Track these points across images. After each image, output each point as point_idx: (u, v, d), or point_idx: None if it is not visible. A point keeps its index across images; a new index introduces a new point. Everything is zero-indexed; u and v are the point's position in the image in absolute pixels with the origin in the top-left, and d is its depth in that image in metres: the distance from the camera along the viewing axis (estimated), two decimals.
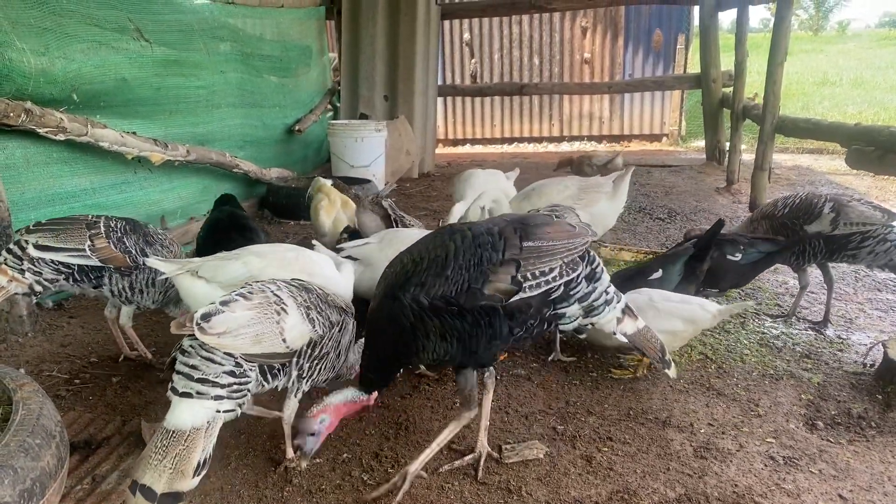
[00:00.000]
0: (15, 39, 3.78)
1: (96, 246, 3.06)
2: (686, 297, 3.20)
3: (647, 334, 2.54)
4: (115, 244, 3.10)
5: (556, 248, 2.29)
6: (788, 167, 9.00)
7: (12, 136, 3.98)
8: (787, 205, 3.73)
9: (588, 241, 2.37)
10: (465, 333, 2.27)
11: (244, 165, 6.44)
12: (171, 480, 2.03)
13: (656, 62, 12.05)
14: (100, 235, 3.07)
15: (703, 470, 2.50)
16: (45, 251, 2.98)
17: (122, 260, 3.12)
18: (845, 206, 3.52)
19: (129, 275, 3.17)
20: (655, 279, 3.42)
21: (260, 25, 7.21)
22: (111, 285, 3.17)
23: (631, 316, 2.50)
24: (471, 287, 2.21)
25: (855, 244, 3.52)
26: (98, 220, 3.13)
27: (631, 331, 2.49)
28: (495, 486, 2.43)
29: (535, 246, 2.27)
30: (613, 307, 2.44)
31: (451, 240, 2.30)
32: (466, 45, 12.40)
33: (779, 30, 6.06)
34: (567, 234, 2.35)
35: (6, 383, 2.22)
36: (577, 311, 2.39)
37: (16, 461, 1.83)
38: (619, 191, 4.41)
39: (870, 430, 2.74)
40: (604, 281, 2.44)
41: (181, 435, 2.09)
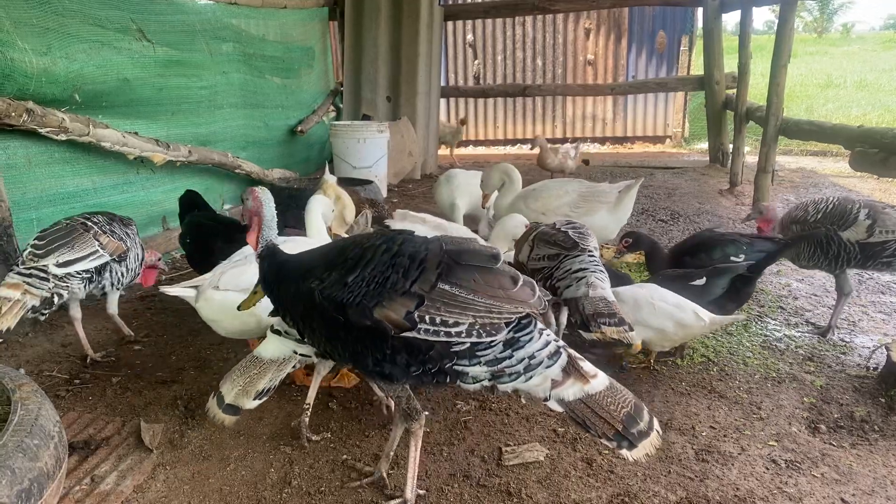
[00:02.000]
0: (17, 39, 3.78)
1: (103, 243, 3.31)
2: (683, 301, 3.17)
3: (602, 403, 1.96)
4: (112, 236, 3.38)
5: (474, 303, 1.93)
6: (792, 169, 8.97)
7: (14, 135, 3.98)
8: (819, 210, 3.60)
9: (524, 313, 1.98)
10: (348, 344, 2.07)
11: (246, 166, 6.44)
12: (237, 396, 2.44)
13: (660, 64, 12.04)
14: (99, 233, 3.31)
15: (704, 473, 2.49)
16: (70, 265, 3.16)
17: (121, 247, 3.42)
18: (881, 212, 3.42)
19: (125, 259, 3.47)
20: (697, 285, 3.38)
21: (263, 26, 7.21)
22: (112, 275, 3.43)
23: (580, 378, 1.98)
24: (362, 303, 1.97)
25: (890, 252, 3.41)
26: (86, 222, 3.34)
27: (572, 396, 1.96)
28: (495, 489, 2.42)
29: (450, 291, 1.94)
30: (539, 372, 1.97)
31: (376, 248, 2.06)
32: (469, 46, 12.40)
33: (782, 31, 6.05)
34: (499, 293, 1.96)
35: (5, 383, 2.21)
36: (483, 373, 1.99)
37: (13, 462, 1.82)
38: (623, 203, 4.27)
39: (873, 434, 2.73)
40: (529, 348, 1.98)
41: (259, 362, 2.48)
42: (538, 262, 3.26)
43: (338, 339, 2.08)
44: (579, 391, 1.96)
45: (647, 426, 1.97)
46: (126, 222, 3.58)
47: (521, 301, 1.97)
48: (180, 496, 2.41)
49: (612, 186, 4.36)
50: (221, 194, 6.37)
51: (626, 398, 1.99)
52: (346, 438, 2.76)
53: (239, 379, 2.47)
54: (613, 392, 1.99)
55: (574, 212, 4.22)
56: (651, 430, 1.97)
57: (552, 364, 1.98)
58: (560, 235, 3.23)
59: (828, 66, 20.49)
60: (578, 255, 3.12)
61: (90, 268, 3.25)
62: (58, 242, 3.16)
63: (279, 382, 2.53)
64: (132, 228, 3.61)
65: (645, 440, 1.95)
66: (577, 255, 3.12)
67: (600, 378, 2.01)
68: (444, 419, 2.90)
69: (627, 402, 1.98)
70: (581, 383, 1.97)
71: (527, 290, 1.99)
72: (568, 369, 1.98)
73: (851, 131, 5.10)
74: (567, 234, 3.22)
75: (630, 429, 1.94)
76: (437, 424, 2.86)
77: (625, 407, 1.97)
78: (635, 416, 1.96)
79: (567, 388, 1.97)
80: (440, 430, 2.81)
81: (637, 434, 1.94)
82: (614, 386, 2.01)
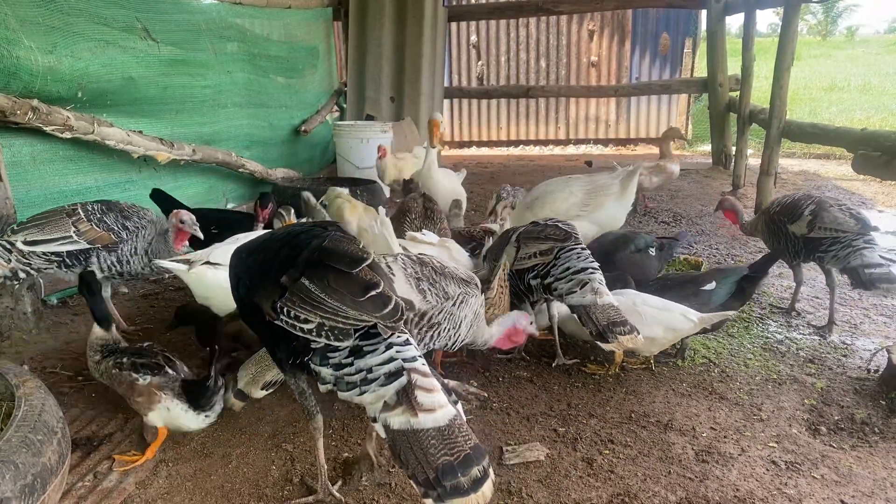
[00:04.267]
0: (23, 37, 3.80)
1: (81, 230, 3.41)
2: (669, 304, 3.17)
3: (423, 442, 1.77)
4: (97, 224, 3.46)
5: (323, 304, 1.89)
6: (795, 172, 8.97)
7: (19, 133, 4.00)
8: (780, 203, 3.93)
9: (371, 323, 1.89)
10: (253, 326, 2.20)
11: (250, 165, 6.46)
12: (247, 384, 2.72)
13: (663, 66, 12.04)
14: (81, 220, 3.41)
15: (704, 474, 2.49)
16: (35, 245, 3.34)
17: (108, 238, 3.48)
18: (825, 210, 3.65)
19: (116, 249, 3.52)
20: (707, 290, 3.38)
21: (267, 26, 7.23)
22: (100, 263, 3.50)
23: (410, 408, 1.79)
24: (251, 284, 2.09)
25: (825, 247, 3.66)
26: (76, 208, 3.47)
27: (397, 426, 1.79)
28: (496, 488, 2.42)
29: (307, 288, 1.92)
30: (373, 390, 1.85)
31: (277, 238, 2.14)
32: (473, 47, 12.42)
33: (786, 34, 6.05)
34: (346, 299, 1.89)
35: (9, 379, 2.23)
36: (329, 376, 1.95)
37: (17, 457, 1.83)
38: (627, 191, 4.33)
39: (873, 436, 2.73)
40: (369, 361, 1.89)
41: (267, 357, 2.61)
42: (527, 262, 3.23)
43: (248, 321, 2.23)
44: (405, 422, 1.80)
45: (470, 484, 1.73)
46: (127, 214, 3.58)
47: (368, 311, 1.87)
48: (182, 493, 2.42)
49: (612, 176, 4.37)
50: (225, 193, 6.39)
51: (456, 446, 1.77)
52: (347, 437, 2.78)
53: (252, 368, 2.75)
54: (445, 435, 1.78)
55: (583, 210, 4.22)
56: (474, 490, 1.74)
57: (387, 384, 1.84)
58: (550, 229, 3.24)
59: (831, 69, 20.45)
60: (574, 248, 3.13)
61: (60, 251, 3.39)
62: (35, 222, 3.40)
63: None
64: (136, 221, 3.58)
65: (458, 497, 1.72)
66: (572, 247, 3.13)
67: (436, 415, 1.80)
68: None
69: (456, 450, 1.76)
70: (409, 415, 1.79)
71: (376, 302, 1.89)
72: (403, 395, 1.82)
73: (854, 134, 5.09)
74: (557, 226, 3.25)
75: (443, 480, 1.72)
76: None
77: (449, 455, 1.75)
78: (457, 468, 1.73)
79: (395, 415, 1.81)
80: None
81: (449, 488, 1.72)
82: (453, 428, 1.80)
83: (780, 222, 3.84)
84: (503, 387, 3.19)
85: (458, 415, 1.86)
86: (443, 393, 1.87)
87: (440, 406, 1.82)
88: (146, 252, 3.63)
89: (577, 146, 12.63)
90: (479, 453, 1.79)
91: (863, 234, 3.56)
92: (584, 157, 10.75)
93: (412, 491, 2.41)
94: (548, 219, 3.39)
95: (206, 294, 3.19)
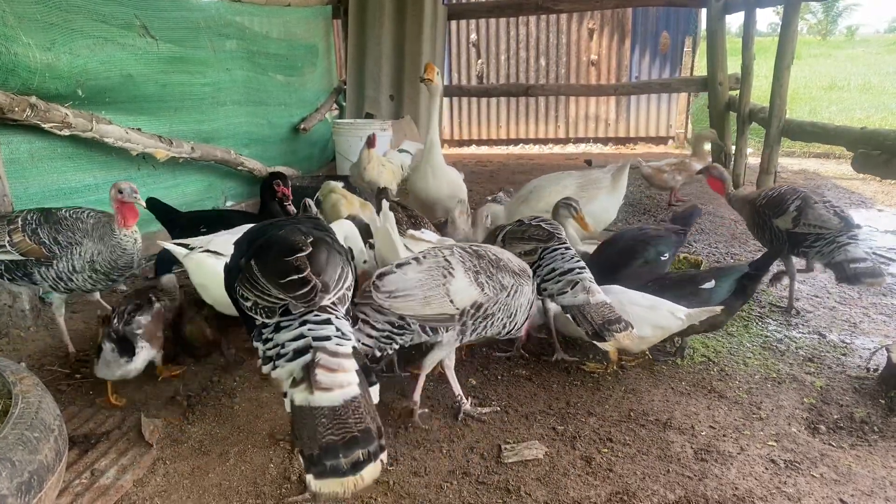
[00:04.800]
0: (21, 34, 3.79)
1: (14, 240, 3.14)
2: (656, 301, 3.15)
3: (314, 419, 1.87)
4: (29, 236, 3.15)
5: (258, 283, 2.08)
6: (794, 171, 8.96)
7: (17, 130, 3.99)
8: (767, 196, 3.96)
9: (285, 303, 2.03)
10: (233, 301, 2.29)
11: (249, 163, 6.44)
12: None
13: (663, 65, 12.03)
14: (17, 230, 3.15)
15: (703, 472, 2.49)
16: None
17: (39, 251, 3.16)
18: (810, 207, 3.71)
19: (51, 264, 3.21)
20: (707, 289, 3.36)
21: (266, 24, 7.21)
22: (42, 277, 3.24)
23: (309, 386, 1.89)
24: (228, 265, 2.30)
25: (809, 242, 3.73)
26: (18, 215, 3.20)
27: (298, 401, 1.91)
28: (494, 486, 2.42)
29: (252, 269, 2.11)
30: (282, 365, 2.00)
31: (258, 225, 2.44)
32: (473, 45, 12.40)
33: (786, 33, 6.04)
34: (272, 280, 2.03)
35: (6, 376, 2.22)
36: (261, 350, 2.10)
37: (14, 454, 1.82)
38: (618, 184, 4.39)
39: (872, 435, 2.73)
40: (281, 337, 2.04)
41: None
42: None
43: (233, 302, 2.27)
44: (303, 399, 1.89)
45: (349, 465, 1.82)
46: (61, 227, 3.17)
47: (285, 291, 2.00)
48: (180, 490, 2.42)
49: (604, 171, 4.45)
50: (224, 191, 6.38)
51: (345, 427, 1.84)
52: None
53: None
54: (337, 415, 1.86)
55: None
56: (353, 472, 1.82)
57: (294, 360, 1.96)
58: (533, 230, 3.24)
59: (831, 68, 20.44)
60: (557, 248, 3.12)
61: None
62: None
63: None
64: (69, 236, 3.18)
65: (334, 478, 1.81)
66: (555, 247, 3.12)
67: (332, 394, 1.88)
68: (444, 416, 2.91)
69: (343, 431, 1.84)
70: (307, 392, 1.88)
71: (295, 283, 2.00)
72: (307, 371, 1.91)
73: (854, 133, 5.08)
74: (540, 226, 3.25)
75: (324, 459, 1.81)
76: (437, 422, 2.86)
77: (334, 435, 1.82)
78: (339, 449, 1.82)
79: (299, 391, 1.90)
80: (440, 428, 2.81)
81: (328, 467, 1.80)
82: (347, 409, 1.87)
83: (765, 215, 3.90)
84: (502, 385, 3.19)
85: (360, 397, 1.92)
86: (352, 374, 1.95)
87: (339, 386, 1.90)
88: (92, 268, 3.25)
89: (576, 145, 12.62)
90: (368, 437, 1.86)
91: (845, 232, 3.62)
92: (583, 156, 10.75)
93: (411, 489, 2.41)
94: (533, 217, 3.37)
95: (202, 282, 3.16)
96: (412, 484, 2.44)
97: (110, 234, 3.26)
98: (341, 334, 2.03)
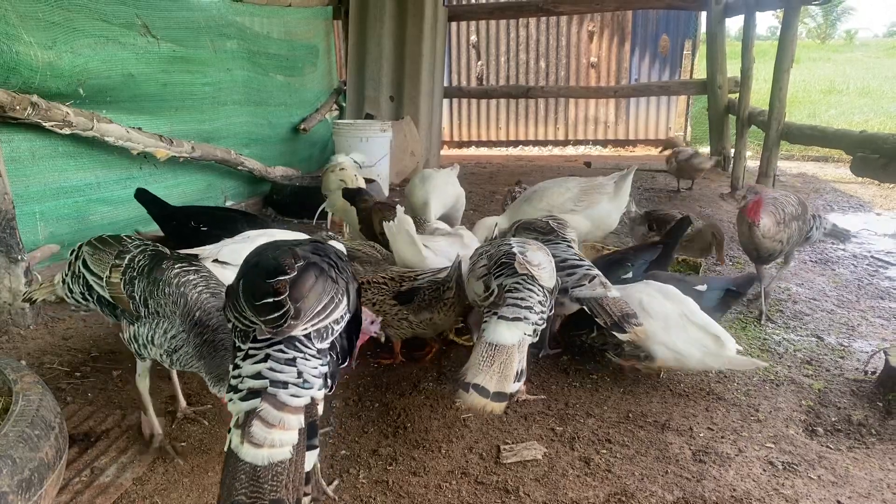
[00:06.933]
0: (23, 33, 3.80)
1: (111, 280, 2.59)
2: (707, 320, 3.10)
3: (237, 475, 1.73)
4: (125, 284, 2.56)
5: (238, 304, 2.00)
6: (793, 175, 8.98)
7: (18, 129, 4.00)
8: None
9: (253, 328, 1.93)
10: None
11: (249, 163, 6.46)
12: (499, 382, 2.44)
13: (662, 67, 12.05)
14: (118, 268, 2.59)
15: (701, 474, 2.50)
16: None
17: (127, 304, 2.57)
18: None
19: (132, 322, 2.64)
20: (700, 291, 3.36)
21: (267, 24, 7.23)
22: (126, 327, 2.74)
23: (243, 436, 1.77)
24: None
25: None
26: (131, 251, 2.64)
27: (232, 446, 1.78)
28: (493, 486, 2.43)
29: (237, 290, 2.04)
30: (234, 402, 1.86)
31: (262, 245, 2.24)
32: (473, 46, 12.42)
33: (785, 36, 6.06)
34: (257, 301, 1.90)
35: (7, 374, 2.22)
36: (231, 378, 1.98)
37: (14, 451, 1.83)
38: (621, 191, 4.40)
39: (870, 438, 2.74)
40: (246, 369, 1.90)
41: (504, 349, 2.52)
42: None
43: None
44: (236, 445, 1.77)
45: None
46: (154, 290, 2.52)
47: (257, 314, 1.88)
48: (179, 489, 2.42)
49: (607, 178, 4.47)
50: (224, 190, 6.39)
51: (258, 492, 1.70)
52: (345, 434, 2.78)
53: (491, 368, 2.46)
54: (257, 476, 1.72)
55: (577, 206, 4.31)
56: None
57: (245, 401, 1.83)
58: (540, 223, 3.36)
59: (831, 72, 20.48)
60: (559, 244, 3.18)
61: None
62: None
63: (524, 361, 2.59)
64: (161, 303, 2.50)
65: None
66: (556, 241, 3.18)
67: (258, 452, 1.75)
68: (443, 417, 2.91)
69: (255, 497, 1.70)
70: (239, 440, 1.76)
71: (269, 307, 1.87)
72: (247, 418, 1.78)
73: (852, 137, 5.11)
74: (548, 222, 3.35)
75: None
76: (436, 422, 2.87)
77: (246, 498, 1.69)
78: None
79: (236, 435, 1.79)
80: (439, 428, 2.82)
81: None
82: (267, 473, 1.73)
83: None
84: None
85: (289, 462, 1.76)
86: (290, 433, 1.79)
87: (270, 445, 1.75)
88: (171, 351, 2.52)
89: (576, 147, 12.64)
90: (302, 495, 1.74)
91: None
92: (582, 158, 10.77)
93: (410, 489, 2.41)
94: (549, 215, 3.48)
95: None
96: (411, 483, 2.44)
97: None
98: (302, 381, 1.86)
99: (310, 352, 1.93)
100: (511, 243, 2.87)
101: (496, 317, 2.61)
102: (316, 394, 1.90)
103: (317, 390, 1.90)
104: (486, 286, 2.75)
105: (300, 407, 1.84)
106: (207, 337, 2.45)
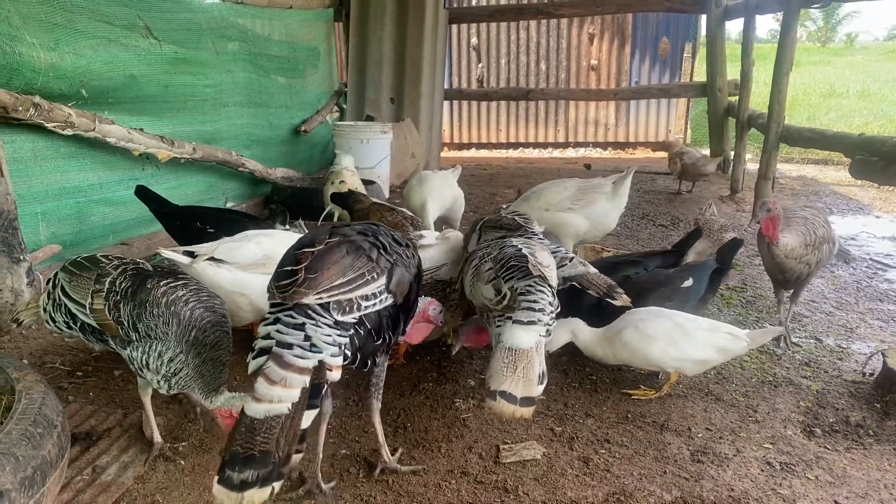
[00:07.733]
0: (25, 34, 3.82)
1: (94, 306, 2.55)
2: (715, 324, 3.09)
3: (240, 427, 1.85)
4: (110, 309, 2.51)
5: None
6: (793, 177, 9.00)
7: (21, 129, 4.01)
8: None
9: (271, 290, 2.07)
10: None
11: (250, 164, 6.47)
12: (525, 387, 2.38)
13: (663, 70, 12.06)
14: (100, 293, 2.54)
15: (699, 474, 2.51)
16: None
17: (115, 329, 2.52)
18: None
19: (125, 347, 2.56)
20: (687, 287, 3.37)
21: (268, 26, 7.25)
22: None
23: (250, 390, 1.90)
24: None
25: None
26: (111, 273, 2.58)
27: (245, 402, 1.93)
28: (492, 486, 2.44)
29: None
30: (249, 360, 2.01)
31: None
32: (474, 49, 12.44)
33: (785, 40, 6.07)
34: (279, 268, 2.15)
35: (10, 373, 2.24)
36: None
37: (17, 449, 1.84)
38: (620, 192, 4.42)
39: (867, 438, 2.75)
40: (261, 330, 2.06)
41: (524, 353, 2.46)
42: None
43: None
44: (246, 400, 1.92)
45: (238, 482, 1.76)
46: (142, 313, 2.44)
47: (274, 280, 2.06)
48: (180, 487, 2.44)
49: (606, 179, 4.48)
50: (224, 191, 6.41)
51: (252, 443, 1.80)
52: (345, 434, 2.79)
53: (515, 373, 2.41)
54: (254, 428, 1.81)
55: (575, 204, 4.34)
56: (238, 490, 1.76)
57: (255, 358, 1.97)
58: (506, 220, 3.35)
59: (830, 75, 20.51)
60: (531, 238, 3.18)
61: None
62: None
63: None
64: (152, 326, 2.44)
65: (223, 487, 1.77)
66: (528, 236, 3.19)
67: (257, 406, 1.84)
68: (443, 417, 2.93)
69: (248, 446, 1.79)
70: (248, 395, 1.90)
71: (282, 274, 2.05)
72: (255, 375, 1.91)
73: (852, 139, 5.12)
74: (513, 219, 3.34)
75: (225, 467, 1.78)
76: (436, 422, 2.89)
77: (241, 447, 1.79)
78: (237, 463, 1.78)
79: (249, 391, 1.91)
80: (438, 428, 2.84)
81: (224, 476, 1.77)
82: (262, 425, 1.82)
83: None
84: None
85: (285, 418, 1.83)
86: (292, 391, 1.86)
87: (269, 400, 1.85)
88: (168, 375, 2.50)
89: (576, 149, 12.64)
90: (265, 460, 1.79)
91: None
92: (582, 160, 10.78)
93: (409, 488, 2.43)
94: (512, 212, 3.50)
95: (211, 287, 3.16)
96: (411, 483, 2.46)
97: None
98: (309, 345, 1.94)
99: (324, 320, 2.00)
100: (517, 244, 2.86)
101: (510, 321, 2.55)
102: (327, 359, 1.97)
103: (328, 356, 1.97)
104: (497, 290, 2.68)
105: (305, 368, 1.91)
106: (206, 355, 2.46)
